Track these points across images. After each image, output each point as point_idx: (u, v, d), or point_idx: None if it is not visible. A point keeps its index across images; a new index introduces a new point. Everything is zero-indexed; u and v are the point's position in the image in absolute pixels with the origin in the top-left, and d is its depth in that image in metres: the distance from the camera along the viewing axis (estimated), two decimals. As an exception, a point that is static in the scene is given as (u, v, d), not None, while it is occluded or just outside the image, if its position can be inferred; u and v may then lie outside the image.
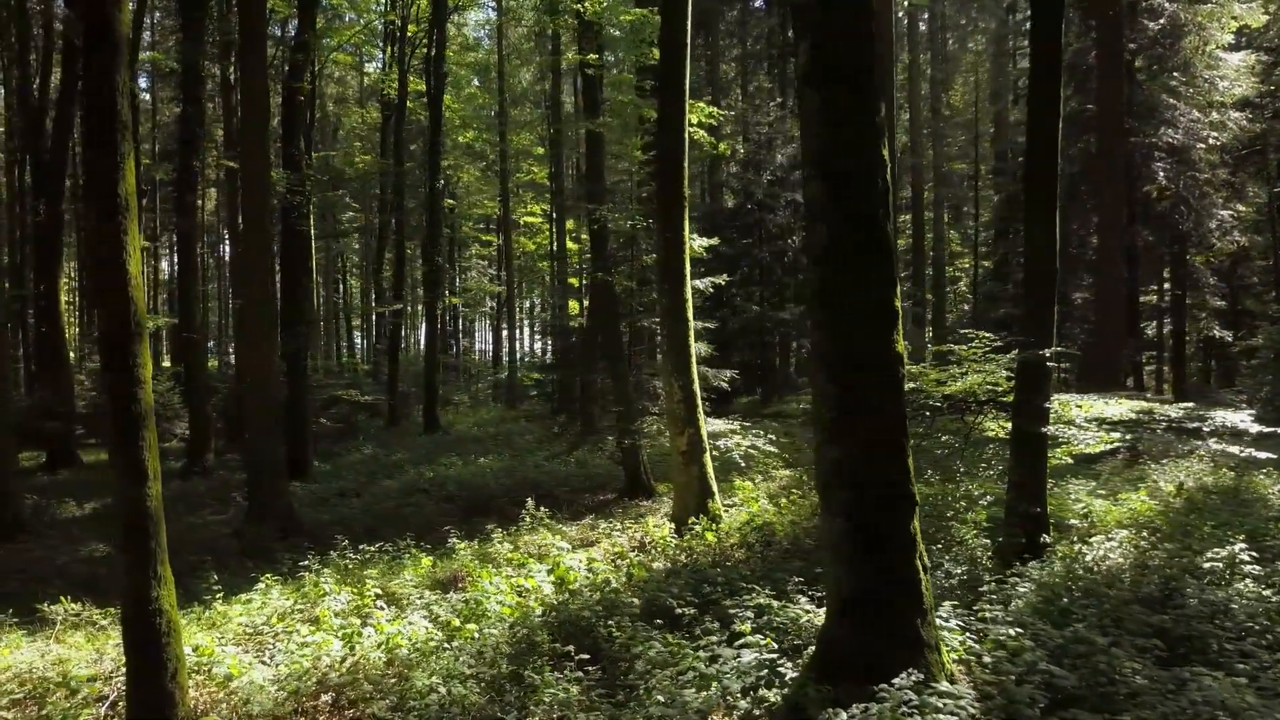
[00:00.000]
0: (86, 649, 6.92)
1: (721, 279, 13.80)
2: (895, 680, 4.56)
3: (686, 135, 10.88)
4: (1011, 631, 5.13)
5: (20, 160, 27.59)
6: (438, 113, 28.56)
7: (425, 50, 30.87)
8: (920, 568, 5.03)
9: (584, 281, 44.28)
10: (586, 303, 44.29)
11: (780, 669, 5.11)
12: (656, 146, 11.15)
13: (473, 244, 53.10)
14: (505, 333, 55.14)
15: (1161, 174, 19.97)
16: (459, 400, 38.78)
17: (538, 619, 6.51)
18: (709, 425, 11.27)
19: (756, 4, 40.38)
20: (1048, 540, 8.21)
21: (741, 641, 5.47)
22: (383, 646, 6.05)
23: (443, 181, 31.40)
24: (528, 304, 57.13)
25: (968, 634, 5.33)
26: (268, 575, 8.60)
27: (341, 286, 52.66)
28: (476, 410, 36.21)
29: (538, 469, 17.64)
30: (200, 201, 29.45)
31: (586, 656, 5.93)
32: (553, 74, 34.61)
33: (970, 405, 8.85)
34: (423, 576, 8.31)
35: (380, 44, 34.81)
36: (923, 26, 44.18)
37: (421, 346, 50.73)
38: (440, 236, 30.63)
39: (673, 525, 9.90)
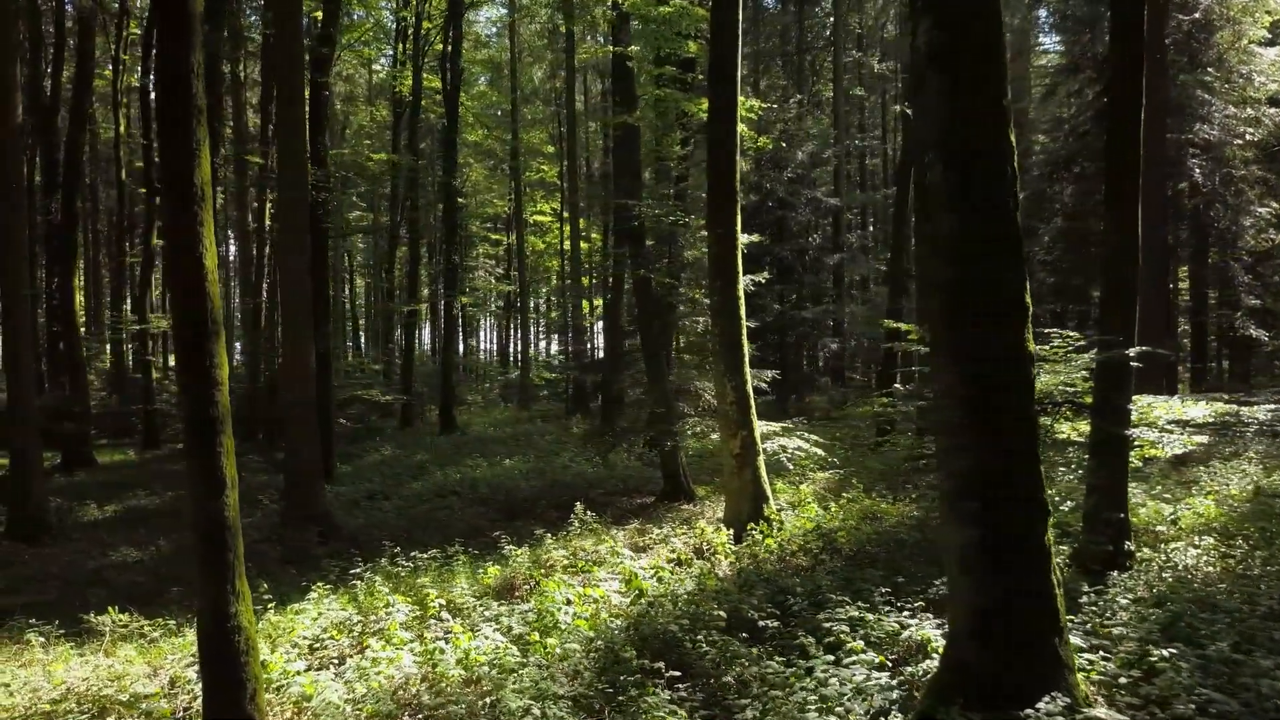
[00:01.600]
0: (139, 663, 6.60)
1: (762, 276, 13.44)
2: (1040, 705, 4.25)
3: (738, 128, 10.56)
4: (1165, 652, 4.78)
5: (30, 159, 27.25)
6: (454, 109, 28.24)
7: (440, 47, 30.54)
8: (1055, 581, 4.70)
9: (594, 281, 43.99)
10: (599, 302, 44.03)
11: (905, 691, 4.78)
12: (707, 140, 10.83)
13: (480, 243, 52.74)
14: (517, 333, 54.90)
15: (1197, 170, 19.65)
16: (471, 400, 38.44)
17: (619, 632, 6.18)
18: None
19: (767, 2, 40.05)
20: (1130, 547, 7.89)
21: (853, 659, 5.13)
22: (461, 663, 5.72)
23: (458, 179, 31.05)
24: (532, 304, 56.73)
25: (1100, 652, 5.00)
26: (318, 584, 8.27)
27: (349, 286, 52.30)
28: (489, 410, 35.88)
29: (565, 470, 17.31)
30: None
31: (677, 674, 5.61)
32: (566, 71, 34.31)
33: (1046, 407, 8.52)
34: (487, 585, 7.97)
35: (391, 41, 34.42)
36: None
37: (426, 347, 50.45)
38: (457, 234, 30.29)
39: (730, 531, 9.56)
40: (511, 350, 55.48)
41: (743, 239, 12.59)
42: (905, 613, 6.26)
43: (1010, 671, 4.54)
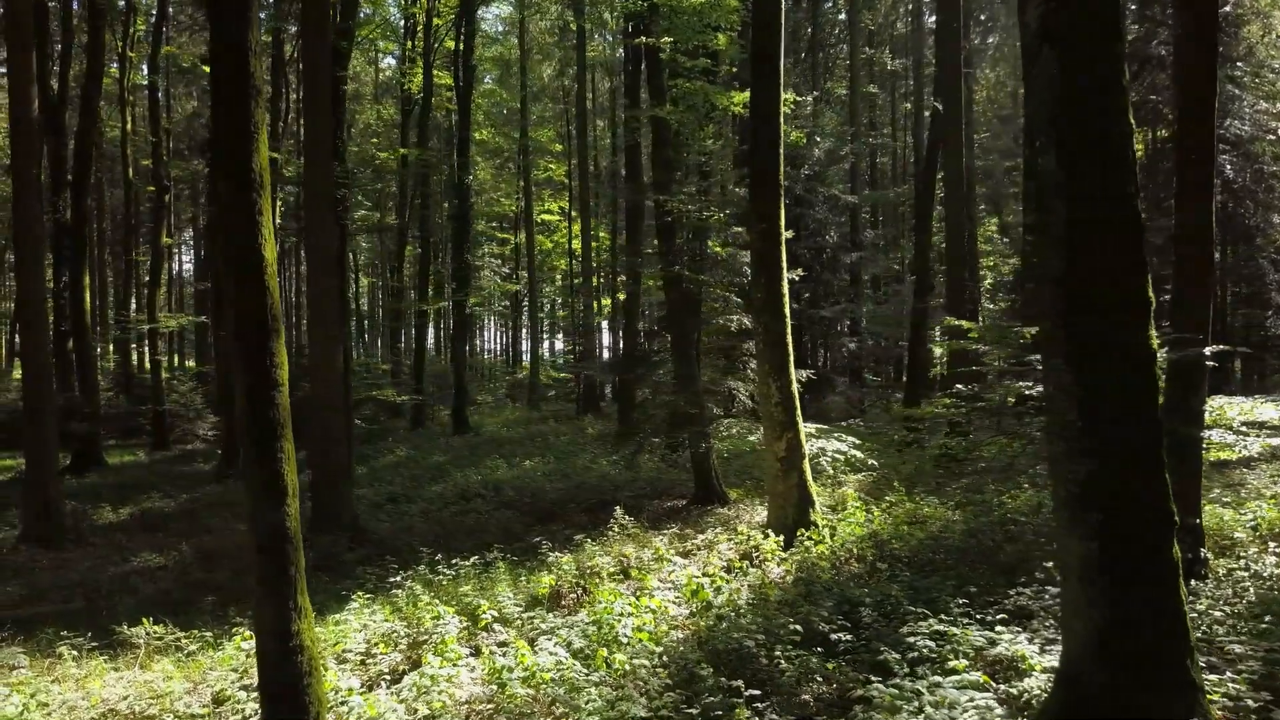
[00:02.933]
0: (179, 678, 6.26)
1: (795, 274, 13.09)
2: (1179, 733, 3.91)
3: (782, 120, 10.23)
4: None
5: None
6: (466, 106, 27.91)
7: (451, 44, 30.19)
8: (1182, 598, 4.37)
9: (601, 280, 43.56)
10: (606, 302, 43.64)
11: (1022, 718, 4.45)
12: (750, 133, 10.50)
13: (486, 242, 52.35)
14: (522, 332, 54.51)
15: (1228, 166, 19.31)
16: (482, 400, 38.10)
17: (689, 647, 5.85)
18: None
19: None
20: (1206, 555, 7.57)
21: (956, 681, 4.79)
22: (527, 681, 5.38)
23: (471, 178, 30.71)
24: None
25: (1226, 672, 4.66)
26: (357, 592, 7.94)
27: (354, 285, 51.90)
28: (499, 410, 35.56)
29: (587, 471, 16.97)
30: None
31: (756, 692, 5.28)
32: (578, 68, 33.96)
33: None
34: (541, 594, 7.64)
35: (400, 39, 34.03)
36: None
37: (429, 346, 49.98)
38: (469, 233, 29.92)
39: (780, 537, 9.21)
40: (518, 350, 55.09)
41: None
42: (993, 627, 5.91)
43: (1137, 695, 4.21)
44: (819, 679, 5.67)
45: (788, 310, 10.11)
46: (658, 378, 20.10)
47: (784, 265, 10.11)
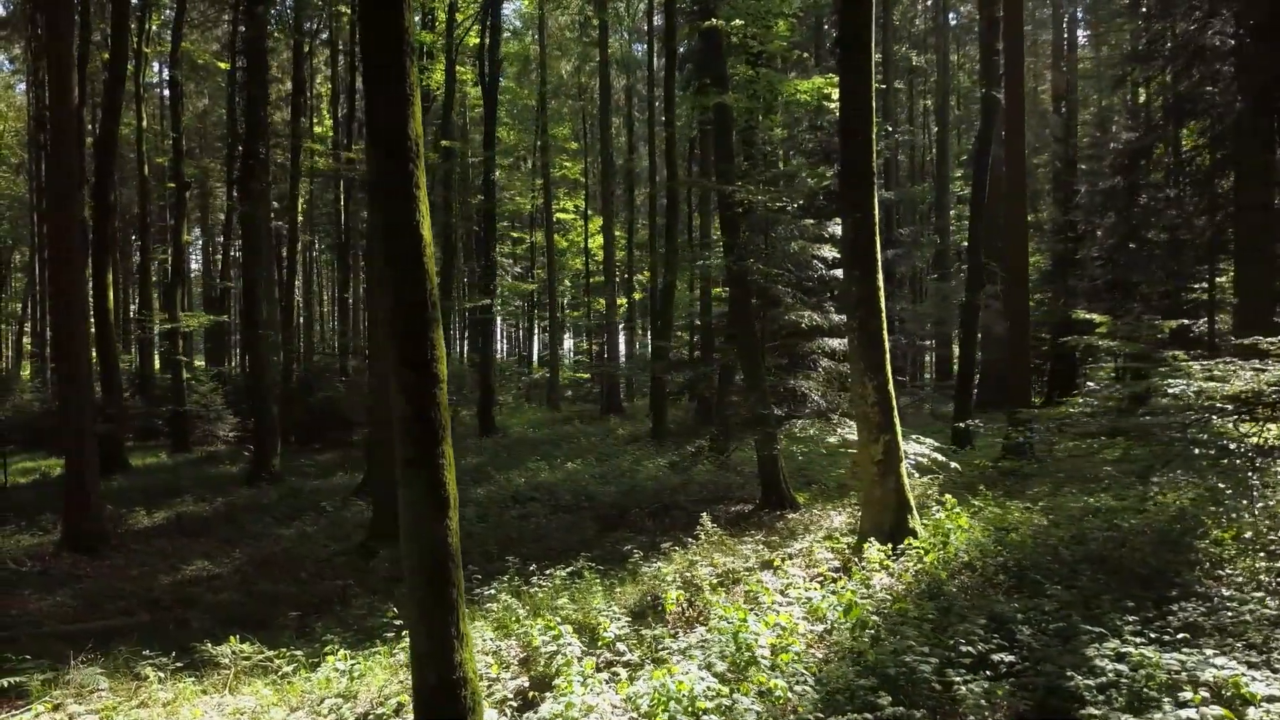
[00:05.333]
0: (278, 704, 5.72)
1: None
2: None
3: (874, 104, 9.69)
4: None
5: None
6: (493, 101, 27.39)
7: (474, 41, 29.66)
8: None
9: (617, 280, 43.05)
10: (622, 302, 43.05)
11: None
12: (840, 120, 9.96)
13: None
14: (540, 331, 53.97)
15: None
16: (502, 401, 37.59)
17: (857, 670, 5.32)
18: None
19: (796, -2, 39.28)
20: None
21: (1196, 714, 4.26)
22: (688, 710, 4.85)
23: (497, 175, 30.17)
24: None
25: None
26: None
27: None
28: (520, 411, 35.04)
29: (635, 474, 16.42)
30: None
31: (939, 722, 4.75)
32: (600, 64, 33.45)
33: (1261, 406, 7.67)
34: (670, 608, 7.09)
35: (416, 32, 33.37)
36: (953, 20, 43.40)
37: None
38: (495, 231, 29.39)
39: (889, 545, 8.66)
40: (534, 351, 54.56)
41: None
42: (1177, 647, 5.37)
43: None
44: (988, 705, 5.15)
45: (884, 305, 9.57)
46: (695, 378, 19.59)
47: (879, 258, 9.57)
